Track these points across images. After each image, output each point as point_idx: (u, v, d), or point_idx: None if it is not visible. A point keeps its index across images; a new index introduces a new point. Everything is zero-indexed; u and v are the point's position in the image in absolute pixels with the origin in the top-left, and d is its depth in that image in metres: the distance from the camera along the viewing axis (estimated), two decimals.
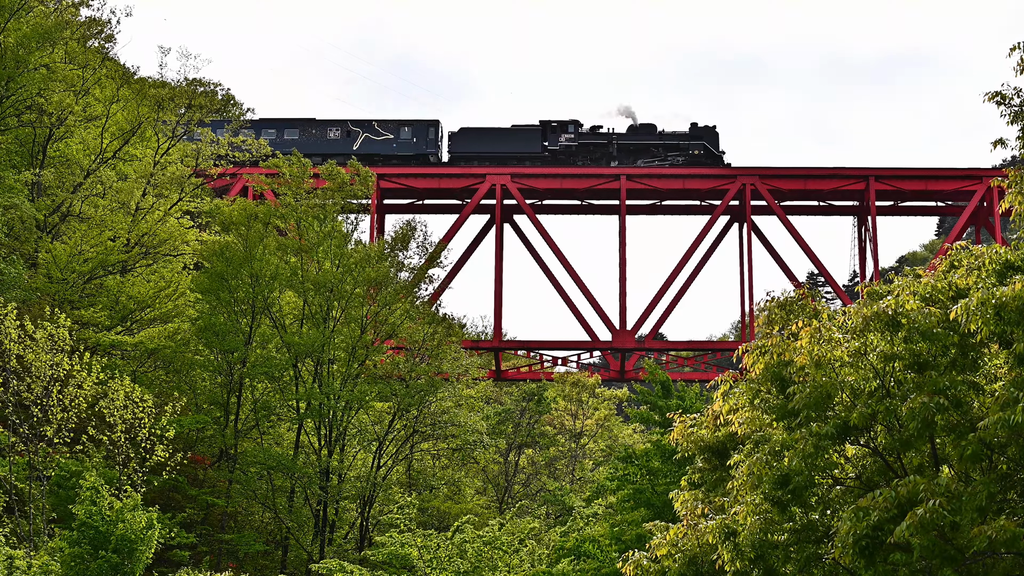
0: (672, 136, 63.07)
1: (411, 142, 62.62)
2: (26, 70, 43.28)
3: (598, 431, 62.82)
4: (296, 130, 62.95)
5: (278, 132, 62.63)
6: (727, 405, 17.92)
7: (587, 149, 62.95)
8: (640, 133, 63.44)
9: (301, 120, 63.53)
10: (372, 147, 62.55)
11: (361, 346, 42.94)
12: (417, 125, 63.16)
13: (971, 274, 15.45)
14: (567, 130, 63.04)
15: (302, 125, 63.23)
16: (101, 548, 26.68)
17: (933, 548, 13.98)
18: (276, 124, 63.16)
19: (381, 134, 62.55)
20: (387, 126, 63.00)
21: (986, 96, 16.62)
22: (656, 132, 63.44)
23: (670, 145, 62.72)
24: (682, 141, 62.68)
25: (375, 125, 63.00)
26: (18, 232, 44.27)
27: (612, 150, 62.81)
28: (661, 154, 62.58)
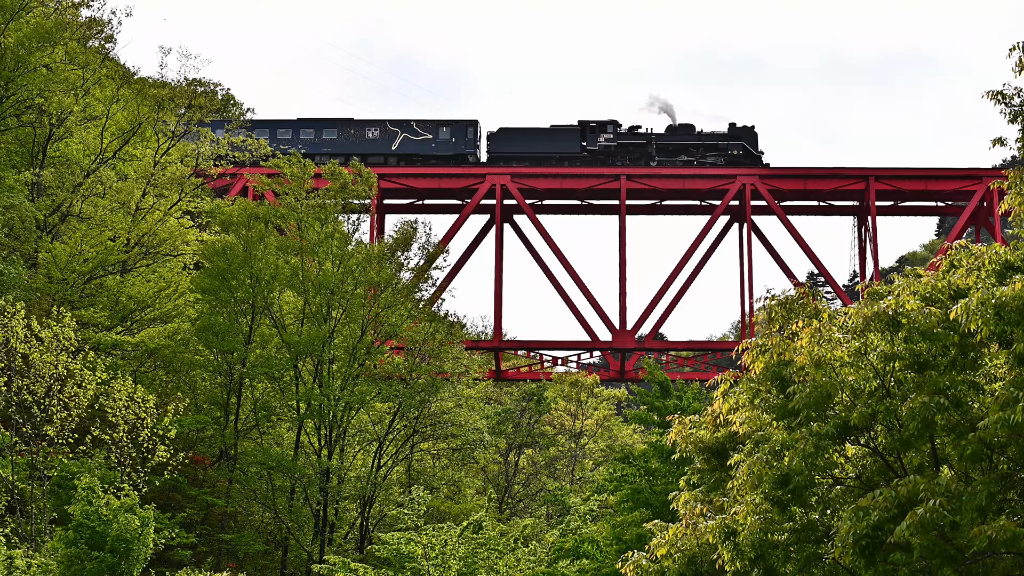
0: (711, 136, 62.82)
1: (450, 142, 62.47)
2: (26, 70, 43.27)
3: (598, 431, 62.83)
4: (335, 130, 62.88)
5: (316, 132, 62.61)
6: (727, 404, 17.93)
7: (626, 149, 62.70)
8: (679, 133, 63.19)
9: (339, 120, 63.40)
10: (411, 147, 62.45)
11: (362, 346, 42.92)
12: (456, 125, 62.98)
13: (971, 274, 15.46)
14: (606, 130, 62.86)
15: (340, 125, 63.13)
16: (97, 548, 26.66)
17: (933, 548, 13.99)
18: (314, 124, 63.07)
19: (420, 134, 62.44)
20: (426, 126, 62.85)
21: (986, 94, 16.63)
22: (695, 132, 63.18)
23: (709, 145, 62.47)
24: (721, 141, 62.43)
25: (414, 125, 62.85)
26: (18, 232, 44.27)
27: (651, 150, 62.63)
28: (700, 154, 62.39)
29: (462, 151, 62.44)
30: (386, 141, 62.52)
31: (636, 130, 63.33)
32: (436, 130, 62.77)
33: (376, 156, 62.04)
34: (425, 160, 62.22)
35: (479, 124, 63.28)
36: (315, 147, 62.03)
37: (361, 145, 62.41)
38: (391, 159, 62.26)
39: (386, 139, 62.55)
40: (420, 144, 62.45)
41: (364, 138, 62.58)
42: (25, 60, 43.19)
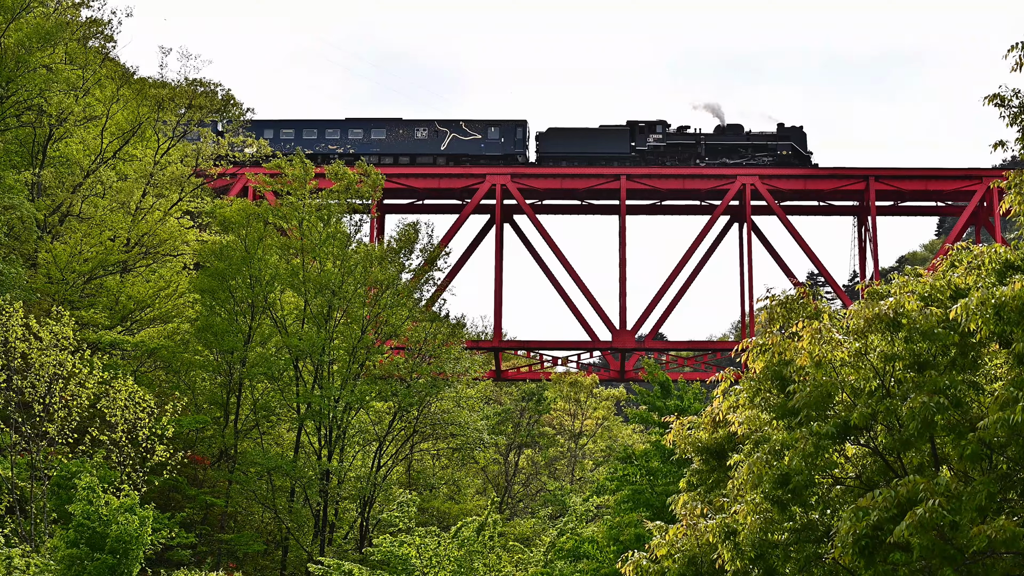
0: (760, 136, 62.77)
1: (499, 142, 62.40)
2: (27, 71, 43.25)
3: (597, 431, 62.83)
4: (383, 130, 62.85)
5: (365, 132, 62.62)
6: (727, 402, 17.94)
7: (675, 150, 62.66)
8: (727, 133, 63.13)
9: (388, 120, 63.36)
10: (460, 147, 62.40)
11: (362, 347, 42.91)
12: (505, 125, 62.86)
13: (971, 274, 15.45)
14: (655, 130, 62.80)
15: (389, 125, 63.08)
16: (97, 548, 26.65)
17: (933, 548, 13.98)
18: (363, 124, 63.03)
19: (469, 134, 62.35)
20: (475, 126, 62.77)
21: (985, 99, 16.62)
22: (743, 132, 63.15)
23: (758, 146, 62.43)
24: (770, 141, 62.37)
25: (462, 125, 62.78)
26: (18, 232, 44.25)
27: (700, 150, 62.55)
28: (749, 154, 62.32)
29: (511, 151, 62.29)
30: (435, 142, 62.41)
31: (685, 130, 63.19)
32: (485, 130, 62.68)
33: (425, 156, 61.99)
34: (475, 160, 62.11)
35: (528, 124, 63.14)
36: (363, 147, 62.05)
37: (410, 145, 62.36)
38: (440, 159, 62.15)
39: (435, 139, 62.43)
40: (469, 144, 62.34)
41: (413, 138, 62.49)
42: (25, 60, 43.16)
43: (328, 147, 61.67)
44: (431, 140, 62.40)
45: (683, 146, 62.68)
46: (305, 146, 61.59)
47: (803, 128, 63.11)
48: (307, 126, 62.76)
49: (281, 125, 62.72)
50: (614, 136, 62.55)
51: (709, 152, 62.46)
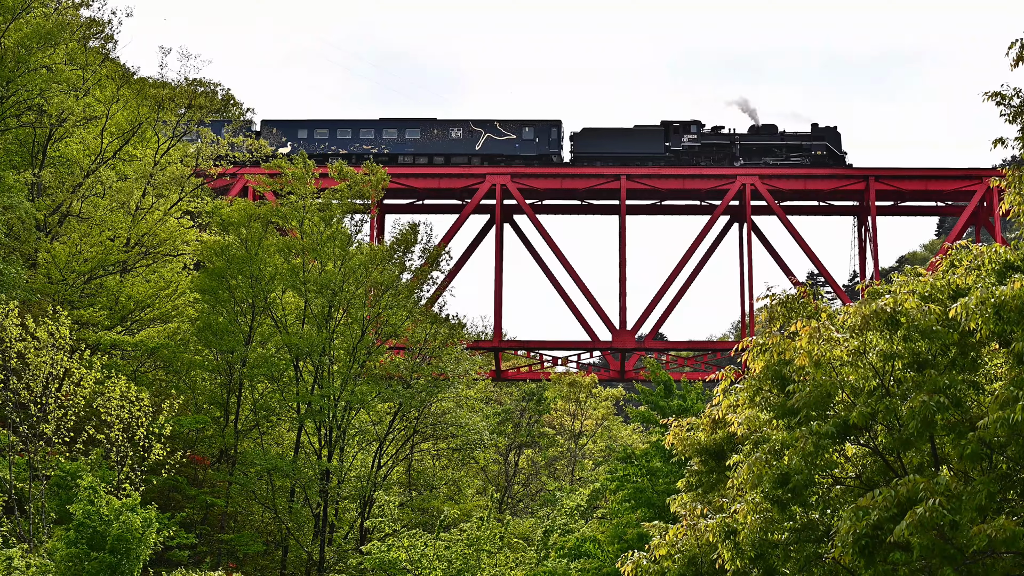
0: (794, 137, 62.66)
1: (534, 142, 62.31)
2: (27, 71, 43.24)
3: (597, 431, 62.82)
4: (417, 130, 62.83)
5: (399, 132, 62.63)
6: (727, 401, 17.94)
7: (710, 150, 62.60)
8: (762, 134, 63.04)
9: (422, 120, 63.29)
10: (494, 147, 62.36)
11: (362, 347, 42.90)
12: (540, 125, 62.78)
13: (970, 273, 15.45)
14: (689, 130, 62.73)
15: (423, 125, 63.02)
16: (98, 548, 26.65)
17: (933, 547, 13.98)
18: (397, 124, 63.03)
19: (503, 134, 62.32)
20: (509, 126, 62.70)
21: (985, 95, 16.62)
22: (778, 133, 63.03)
23: (792, 146, 62.34)
24: (804, 142, 62.26)
25: (497, 125, 62.73)
26: (18, 232, 44.24)
27: (735, 151, 62.53)
28: (783, 155, 62.23)
29: (546, 151, 62.24)
30: (470, 142, 62.40)
31: (719, 131, 63.13)
32: (520, 130, 62.62)
33: (459, 156, 62.01)
34: (509, 160, 62.13)
35: (562, 124, 63.14)
36: (398, 147, 62.12)
37: (444, 145, 62.36)
38: (475, 159, 62.20)
39: (469, 139, 62.45)
40: (504, 144, 62.33)
41: (447, 138, 62.50)
42: (25, 60, 43.16)
43: (363, 147, 61.83)
44: (465, 140, 62.41)
45: (717, 146, 62.61)
46: (340, 146, 61.85)
47: (837, 128, 62.99)
48: (341, 126, 62.82)
49: (315, 125, 62.84)
50: (648, 136, 62.50)
51: (744, 152, 62.39)
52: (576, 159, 62.31)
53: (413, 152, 62.06)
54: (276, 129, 62.55)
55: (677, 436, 18.85)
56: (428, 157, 61.99)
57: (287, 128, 62.56)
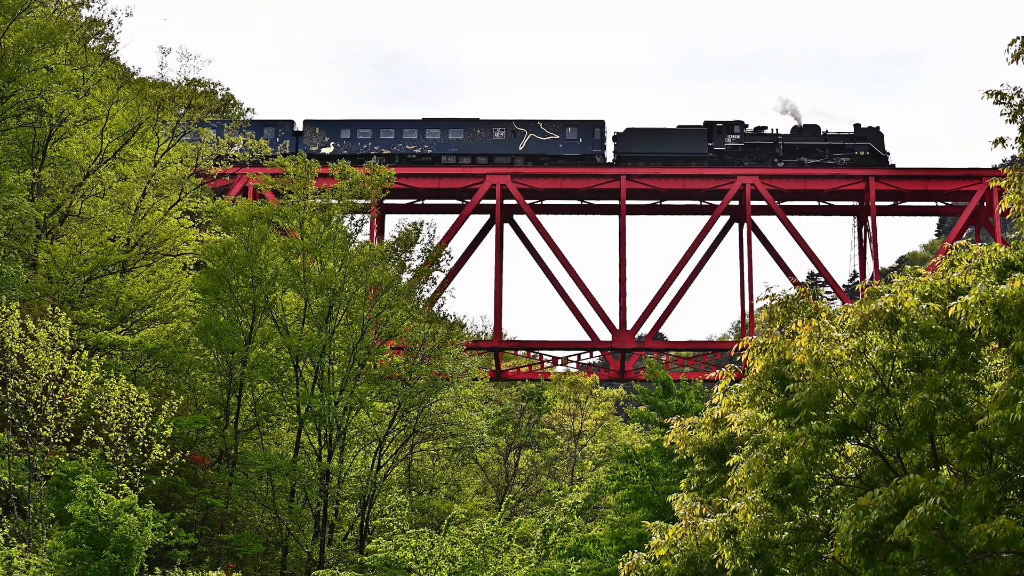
0: (837, 137, 62.60)
1: (577, 142, 62.36)
2: (27, 71, 43.24)
3: (597, 431, 62.81)
4: (460, 130, 62.86)
5: (442, 132, 62.70)
6: (727, 400, 17.93)
7: (753, 150, 62.59)
8: (804, 134, 63.02)
9: (465, 120, 63.32)
10: (538, 147, 62.37)
11: (362, 347, 42.89)
12: (583, 125, 62.83)
13: (970, 272, 15.45)
14: (732, 131, 62.74)
15: (466, 125, 63.05)
16: (100, 548, 26.65)
17: (933, 547, 13.97)
18: (440, 124, 63.06)
19: (547, 134, 62.32)
20: (552, 126, 62.73)
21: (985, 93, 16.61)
22: (820, 133, 63.00)
23: (835, 146, 62.28)
24: (847, 142, 62.22)
25: (540, 125, 62.71)
26: (18, 232, 44.24)
27: (778, 151, 62.50)
28: (826, 155, 62.20)
29: (589, 151, 62.25)
30: (513, 142, 62.42)
31: (762, 131, 63.10)
32: (563, 130, 62.65)
33: (503, 156, 62.07)
34: (552, 160, 62.12)
35: (605, 124, 63.15)
36: (441, 147, 62.20)
37: (487, 145, 62.40)
38: (517, 159, 62.27)
39: (512, 139, 62.46)
40: (547, 144, 62.34)
41: (490, 138, 62.52)
42: (26, 60, 43.16)
43: (405, 147, 61.91)
44: (509, 140, 62.45)
45: (761, 146, 62.60)
46: (383, 146, 62.00)
47: (879, 128, 62.93)
48: (384, 126, 62.90)
49: (358, 125, 62.92)
50: (692, 136, 62.51)
51: (787, 152, 62.34)
52: (619, 159, 62.30)
53: (456, 152, 62.21)
54: (319, 129, 62.67)
55: (679, 435, 18.83)
56: (471, 157, 62.05)
57: (330, 128, 62.65)
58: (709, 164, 61.83)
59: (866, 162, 61.55)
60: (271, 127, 62.79)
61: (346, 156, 60.41)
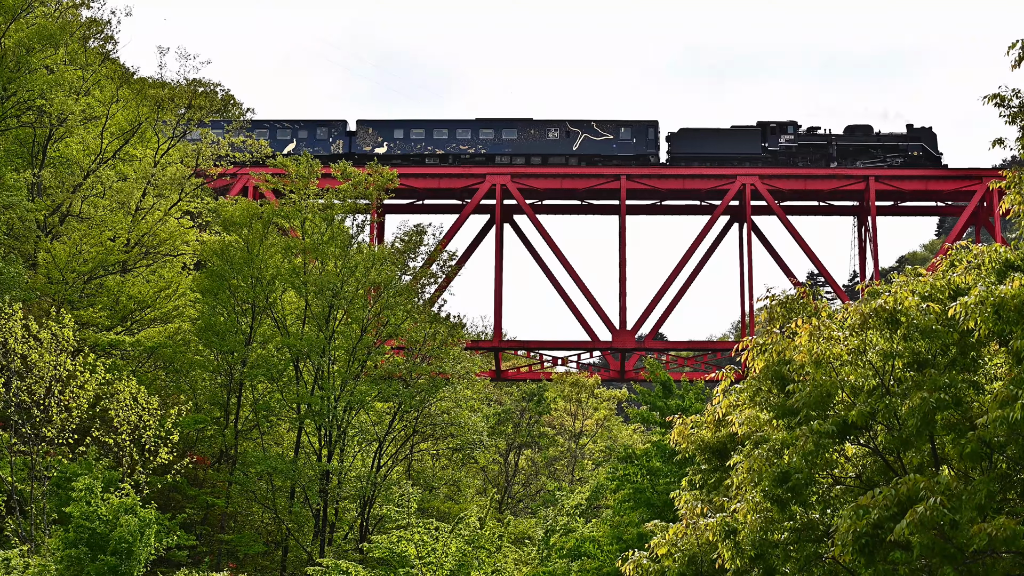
0: (890, 137, 62.49)
1: (631, 143, 62.32)
2: (27, 71, 43.23)
3: (598, 431, 62.82)
4: (514, 130, 62.90)
5: (496, 132, 62.77)
6: (727, 401, 17.95)
7: (807, 150, 62.50)
8: (857, 134, 62.92)
9: (519, 120, 63.34)
10: (592, 148, 62.36)
11: (362, 347, 42.88)
12: (637, 126, 62.83)
13: (970, 272, 15.46)
14: (786, 131, 62.66)
15: (520, 125, 63.09)
16: (98, 549, 26.62)
17: (933, 546, 13.99)
18: (494, 124, 63.11)
19: (600, 135, 62.31)
20: (606, 126, 62.75)
21: (985, 99, 16.65)
22: (873, 133, 62.88)
23: (889, 146, 62.19)
24: (901, 142, 62.09)
25: (594, 125, 62.73)
26: (18, 232, 44.23)
27: (832, 151, 62.44)
28: (880, 155, 62.08)
29: (643, 151, 62.20)
30: (567, 142, 62.41)
31: (815, 131, 63.02)
32: (617, 131, 62.65)
33: (557, 156, 62.13)
34: (606, 161, 62.17)
35: (659, 124, 63.18)
36: (495, 147, 62.27)
37: (541, 146, 62.43)
38: (571, 159, 62.31)
39: (566, 140, 62.46)
40: (601, 145, 62.33)
41: (544, 138, 62.53)
42: (26, 61, 43.15)
43: (459, 147, 61.99)
44: (563, 140, 62.45)
45: (814, 147, 62.49)
46: (436, 146, 62.16)
47: (932, 129, 62.85)
48: (438, 126, 62.98)
49: (411, 125, 63.03)
50: (745, 137, 62.48)
51: (840, 153, 62.24)
52: (673, 159, 62.33)
53: (510, 152, 62.32)
54: (372, 129, 62.77)
55: (681, 433, 18.85)
56: (525, 157, 62.12)
57: (383, 128, 62.76)
58: (763, 164, 61.74)
59: (919, 162, 61.44)
60: (324, 127, 63.00)
61: (399, 156, 60.76)
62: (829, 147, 62.27)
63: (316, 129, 62.73)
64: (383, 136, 62.45)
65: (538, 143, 62.40)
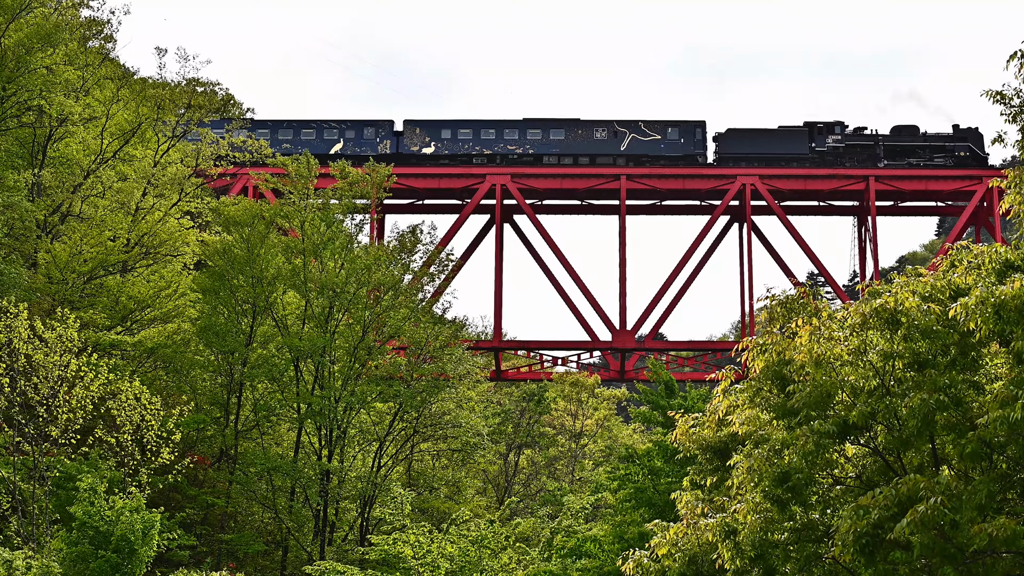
0: (936, 138, 62.47)
1: (678, 143, 62.34)
2: (27, 71, 43.21)
3: (598, 431, 62.83)
4: (562, 130, 62.94)
5: (543, 132, 62.77)
6: (726, 402, 17.95)
7: (854, 151, 62.45)
8: (903, 135, 62.90)
9: (567, 120, 63.39)
10: (639, 148, 62.35)
11: (363, 348, 42.88)
12: (684, 126, 62.82)
13: (970, 273, 15.47)
14: (833, 131, 62.65)
15: (567, 125, 63.13)
16: (101, 548, 26.64)
17: (933, 546, 13.99)
18: (541, 124, 63.14)
19: (648, 135, 62.31)
20: (654, 127, 62.75)
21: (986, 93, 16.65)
22: (920, 134, 62.83)
23: (935, 147, 62.14)
24: (947, 143, 62.07)
25: (642, 126, 62.75)
26: (18, 232, 44.21)
27: (878, 151, 62.39)
28: (926, 155, 62.03)
29: (691, 152, 62.20)
30: (615, 142, 62.41)
31: (862, 131, 63.00)
32: (664, 131, 62.65)
33: (604, 157, 62.14)
34: (654, 161, 62.12)
35: (706, 125, 63.23)
36: (543, 147, 62.32)
37: (589, 146, 62.46)
38: (619, 160, 62.31)
39: (614, 140, 62.44)
40: (649, 145, 62.31)
41: (592, 139, 62.55)
42: (25, 61, 43.13)
43: (507, 147, 62.07)
44: (610, 140, 62.45)
45: (861, 147, 62.46)
46: (484, 146, 62.25)
47: (979, 129, 62.74)
48: (485, 126, 63.09)
49: (459, 125, 63.11)
50: (793, 137, 62.42)
51: (887, 153, 62.20)
52: (720, 159, 62.27)
53: (558, 152, 62.39)
54: (419, 129, 62.81)
55: (684, 432, 18.84)
56: (573, 157, 62.15)
57: (430, 128, 62.83)
58: (811, 165, 61.68)
59: (967, 162, 61.39)
60: (371, 127, 63.14)
61: (447, 156, 60.75)
62: (876, 147, 62.22)
63: (363, 129, 62.87)
64: (430, 136, 62.53)
65: (585, 143, 62.45)
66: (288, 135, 62.49)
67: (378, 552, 32.55)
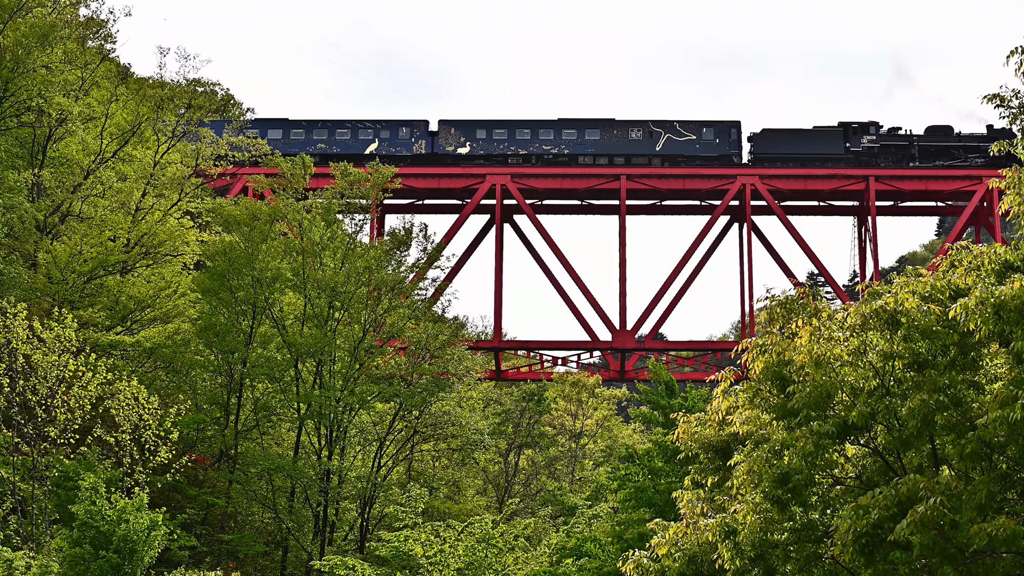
0: (971, 138, 62.41)
1: (714, 143, 62.31)
2: (25, 71, 43.20)
3: (598, 431, 62.84)
4: (597, 130, 62.90)
5: (579, 132, 62.77)
6: (727, 402, 17.95)
7: (889, 151, 62.37)
8: (938, 135, 62.79)
9: (601, 120, 63.35)
10: (674, 148, 62.31)
11: (363, 347, 42.88)
12: (719, 126, 62.80)
13: (970, 273, 15.47)
14: (868, 131, 62.59)
15: (603, 126, 63.07)
16: (102, 548, 26.64)
17: (933, 546, 14.00)
18: (576, 124, 63.14)
19: (683, 135, 62.30)
20: (689, 127, 62.74)
21: (984, 98, 16.67)
22: (954, 134, 62.77)
23: (970, 147, 62.10)
24: (982, 143, 61.99)
25: (677, 126, 62.72)
26: (18, 232, 44.21)
27: (913, 152, 62.27)
28: (961, 155, 61.98)
29: (726, 152, 62.14)
30: (650, 142, 62.38)
31: (896, 132, 62.90)
32: (700, 131, 62.60)
33: (640, 157, 62.15)
34: (689, 161, 62.15)
35: (741, 125, 63.08)
36: (577, 147, 62.33)
37: (624, 146, 62.43)
38: (655, 160, 62.30)
39: (649, 140, 62.42)
40: (684, 145, 62.28)
41: (627, 139, 62.53)
42: (24, 60, 43.11)
43: (542, 147, 62.15)
44: (645, 141, 62.43)
45: (896, 147, 62.39)
46: (519, 146, 62.34)
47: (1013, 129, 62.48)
48: (520, 127, 63.04)
49: (493, 125, 63.11)
50: (828, 137, 62.39)
51: (922, 154, 62.12)
52: (755, 160, 62.25)
53: (593, 153, 62.40)
54: (454, 129, 62.81)
55: (686, 431, 18.85)
56: (608, 158, 62.15)
57: (465, 128, 62.84)
58: (845, 165, 61.58)
59: (1001, 163, 61.40)
60: (406, 127, 63.16)
61: (482, 156, 60.76)
62: (911, 148, 62.19)
63: (399, 129, 62.89)
64: (465, 136, 62.55)
65: (621, 143, 62.43)
66: (323, 135, 62.56)
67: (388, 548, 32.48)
